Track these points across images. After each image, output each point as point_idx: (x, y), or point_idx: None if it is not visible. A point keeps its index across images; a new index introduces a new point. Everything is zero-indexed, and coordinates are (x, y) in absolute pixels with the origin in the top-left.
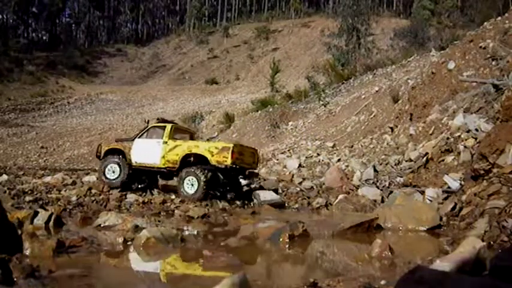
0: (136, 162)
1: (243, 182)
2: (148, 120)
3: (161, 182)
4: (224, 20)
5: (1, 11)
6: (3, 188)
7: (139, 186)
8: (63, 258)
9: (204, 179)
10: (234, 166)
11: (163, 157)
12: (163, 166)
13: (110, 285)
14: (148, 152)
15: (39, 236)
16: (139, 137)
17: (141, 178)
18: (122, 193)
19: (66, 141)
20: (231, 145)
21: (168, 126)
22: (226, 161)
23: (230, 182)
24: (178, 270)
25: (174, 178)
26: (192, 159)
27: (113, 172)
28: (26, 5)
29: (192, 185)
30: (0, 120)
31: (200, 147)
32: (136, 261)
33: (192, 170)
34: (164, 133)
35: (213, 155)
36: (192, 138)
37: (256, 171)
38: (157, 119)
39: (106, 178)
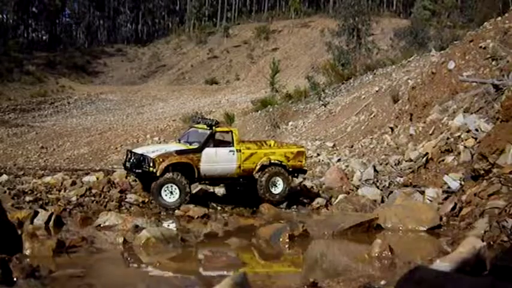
0: (205, 175)
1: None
2: (212, 124)
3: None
4: (224, 20)
5: (1, 11)
6: (3, 188)
7: None
8: (63, 258)
9: (289, 180)
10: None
11: (239, 167)
12: (237, 175)
13: (109, 285)
14: (220, 162)
15: (39, 236)
16: (207, 146)
17: None
18: (122, 193)
19: (66, 141)
20: (304, 149)
21: (235, 131)
22: (301, 165)
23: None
24: (179, 270)
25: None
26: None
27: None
28: (26, 5)
29: (277, 186)
30: (0, 120)
31: (277, 154)
32: (136, 261)
33: (277, 171)
34: (234, 140)
35: (289, 160)
36: None
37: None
38: (196, 116)
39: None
